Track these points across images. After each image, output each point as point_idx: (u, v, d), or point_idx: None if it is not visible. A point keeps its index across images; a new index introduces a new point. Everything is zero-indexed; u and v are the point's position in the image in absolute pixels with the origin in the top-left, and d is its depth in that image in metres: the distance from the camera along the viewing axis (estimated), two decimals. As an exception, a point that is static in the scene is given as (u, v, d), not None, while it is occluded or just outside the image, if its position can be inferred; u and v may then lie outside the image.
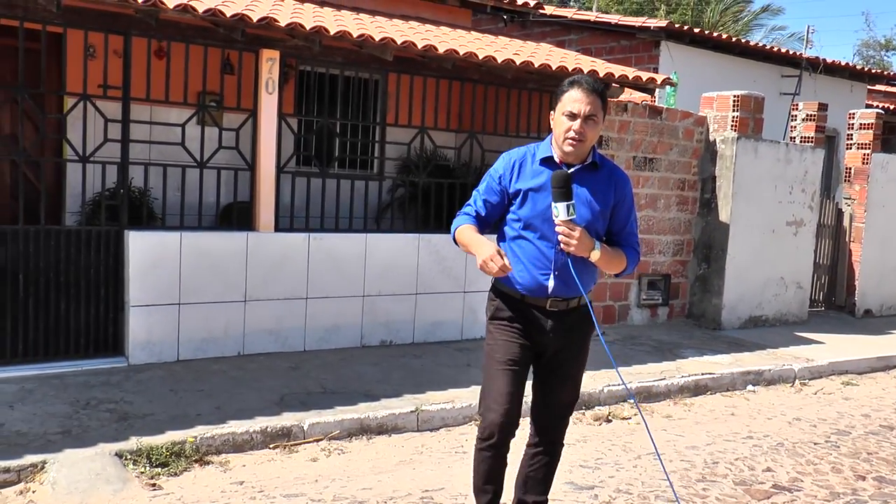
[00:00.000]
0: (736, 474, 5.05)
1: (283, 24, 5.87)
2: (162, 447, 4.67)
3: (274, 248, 6.63)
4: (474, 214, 3.44)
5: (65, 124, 5.89)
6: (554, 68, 7.48)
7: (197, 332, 6.32)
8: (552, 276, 3.31)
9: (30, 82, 5.85)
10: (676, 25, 12.43)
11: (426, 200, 7.78)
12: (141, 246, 6.08)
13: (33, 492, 4.28)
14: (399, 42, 6.43)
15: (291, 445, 5.10)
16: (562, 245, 3.21)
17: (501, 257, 3.13)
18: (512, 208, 3.39)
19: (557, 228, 3.20)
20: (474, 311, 7.77)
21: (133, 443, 4.68)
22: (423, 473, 4.80)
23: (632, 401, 6.43)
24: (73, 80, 6.21)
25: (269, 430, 5.09)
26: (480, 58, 6.93)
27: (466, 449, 5.26)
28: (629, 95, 10.12)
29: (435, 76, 7.35)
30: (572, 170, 3.30)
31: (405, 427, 5.56)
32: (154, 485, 4.41)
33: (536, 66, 7.35)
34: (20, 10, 5.57)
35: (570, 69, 7.62)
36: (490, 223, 3.47)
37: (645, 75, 8.38)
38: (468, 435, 5.56)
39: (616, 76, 8.02)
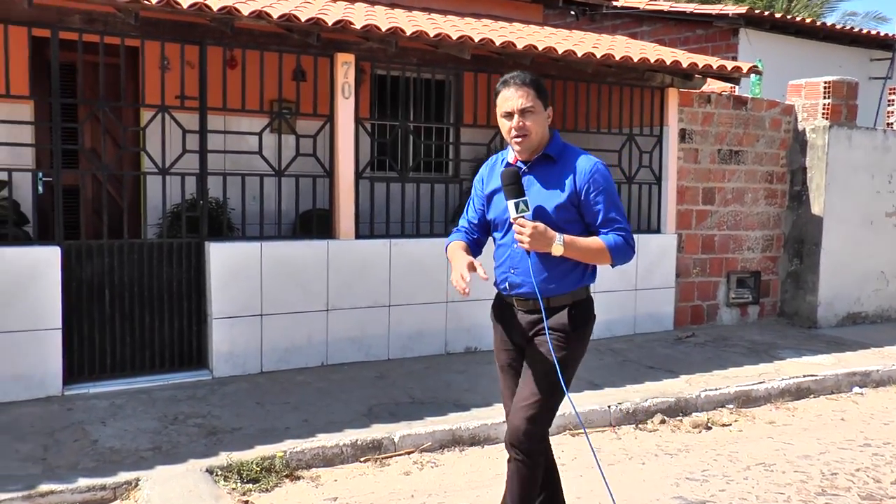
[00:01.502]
0: (860, 487, 4.70)
1: (358, 26, 5.74)
2: (252, 462, 4.56)
3: (355, 256, 6.51)
4: (466, 227, 3.47)
5: (144, 137, 5.86)
6: (635, 60, 7.20)
7: (280, 343, 6.24)
8: (508, 273, 3.30)
9: (109, 96, 5.85)
10: (756, 12, 11.95)
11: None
12: (221, 257, 6.02)
13: (128, 509, 4.22)
14: (476, 40, 6.24)
15: (383, 458, 4.94)
16: (518, 243, 3.14)
17: (472, 269, 3.11)
18: (487, 213, 3.42)
19: (513, 228, 3.14)
20: (559, 314, 7.53)
21: (223, 458, 4.59)
22: (521, 487, 4.59)
23: (730, 407, 6.12)
24: (149, 93, 6.19)
25: (359, 443, 4.95)
26: (559, 53, 6.70)
27: (563, 461, 5.03)
28: (709, 86, 9.75)
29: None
30: (527, 165, 3.26)
31: (498, 438, 5.34)
32: (246, 502, 4.30)
33: (617, 58, 7.09)
34: (100, 24, 5.55)
35: (651, 61, 7.33)
36: (483, 229, 3.47)
37: (730, 64, 8.03)
38: (564, 446, 5.33)
39: (699, 66, 7.69)
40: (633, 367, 6.93)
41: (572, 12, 10.41)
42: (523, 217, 3.11)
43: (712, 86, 9.67)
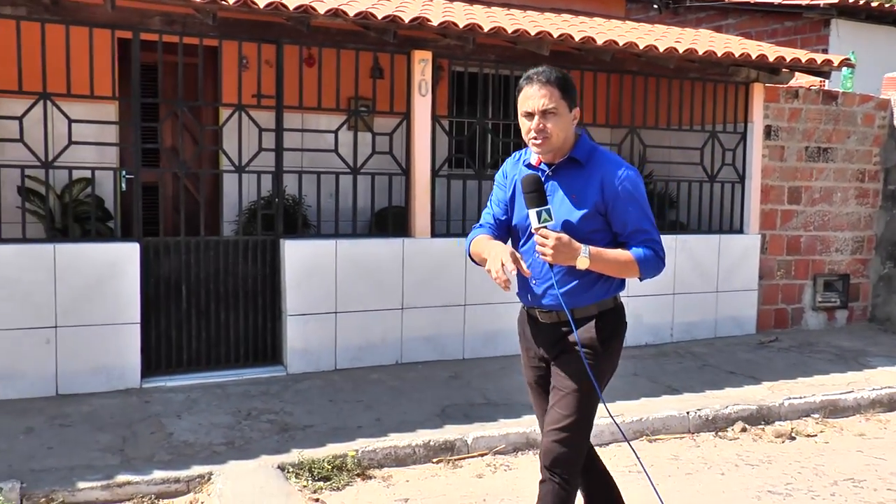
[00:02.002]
0: (964, 508, 4.43)
1: (435, 23, 5.69)
2: (323, 461, 4.56)
3: (430, 254, 6.47)
4: (490, 223, 3.18)
5: (221, 135, 5.92)
6: (719, 55, 6.96)
7: (354, 341, 6.24)
8: (531, 285, 3.06)
9: (188, 96, 5.94)
10: (850, 1, 11.42)
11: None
12: (297, 254, 6.06)
13: (202, 503, 4.25)
14: (556, 35, 6.12)
15: (455, 460, 4.88)
16: (540, 255, 2.89)
17: (518, 261, 2.85)
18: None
19: (534, 238, 2.89)
20: (638, 316, 7.34)
21: (295, 455, 4.60)
22: (596, 494, 4.47)
23: (815, 417, 5.86)
24: (227, 92, 6.25)
25: (431, 443, 4.90)
26: (641, 48, 6.52)
27: (640, 469, 4.88)
28: (797, 81, 9.38)
29: (592, 69, 6.99)
30: (551, 169, 3.00)
31: (573, 442, 5.23)
32: (317, 500, 4.30)
33: (700, 53, 6.86)
34: (179, 25, 5.64)
35: (736, 55, 7.08)
36: (504, 230, 3.18)
37: (820, 57, 7.70)
38: (641, 452, 5.16)
39: (787, 60, 7.40)
40: (713, 371, 6.70)
41: (655, 6, 10.18)
42: (545, 227, 2.86)
43: (800, 80, 9.31)
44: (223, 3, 5.13)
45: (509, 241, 3.16)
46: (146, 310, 5.74)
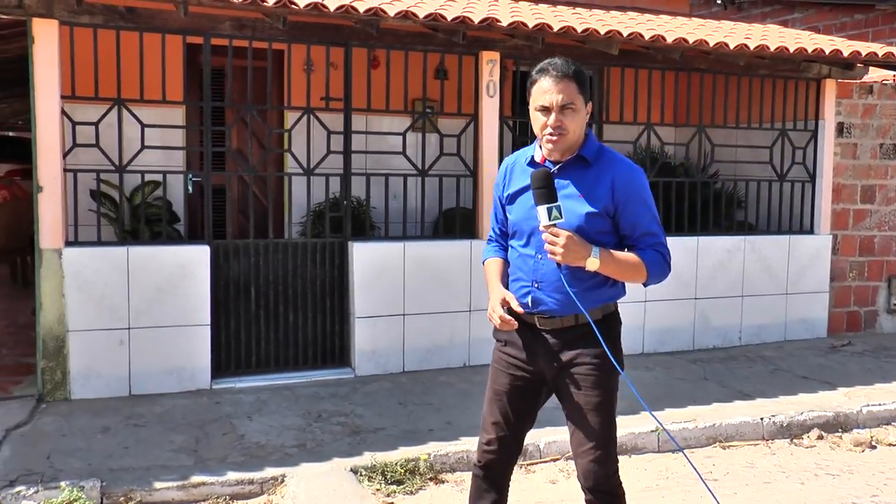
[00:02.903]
0: None
1: (504, 23, 5.64)
2: (396, 464, 4.55)
3: (506, 256, 6.42)
4: (495, 237, 3.14)
5: (290, 138, 5.96)
6: (791, 51, 6.78)
7: (422, 343, 6.23)
8: (531, 289, 2.90)
9: (255, 99, 5.98)
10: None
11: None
12: (364, 256, 6.07)
13: (275, 505, 4.28)
14: (625, 34, 6.02)
15: (527, 465, 4.83)
16: (548, 254, 2.77)
17: (508, 303, 2.84)
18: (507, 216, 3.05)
19: (542, 236, 2.76)
20: (706, 318, 7.22)
21: (367, 458, 4.60)
22: (672, 503, 4.38)
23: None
24: (294, 95, 6.27)
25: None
26: (711, 45, 6.38)
27: (716, 476, 4.79)
28: (870, 76, 9.11)
29: (660, 68, 6.87)
30: (557, 167, 2.86)
31: (645, 447, 5.14)
32: (391, 503, 4.29)
33: (772, 49, 6.69)
34: (249, 30, 5.68)
35: (809, 51, 6.89)
36: None
37: (896, 51, 7.45)
38: (714, 459, 5.07)
39: (863, 54, 7.17)
40: (785, 376, 6.53)
41: (718, 1, 9.97)
42: (556, 225, 2.73)
43: (873, 74, 9.04)
44: (294, 6, 5.15)
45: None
46: (216, 311, 5.81)
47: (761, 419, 5.45)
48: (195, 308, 5.68)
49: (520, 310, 2.85)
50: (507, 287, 3.01)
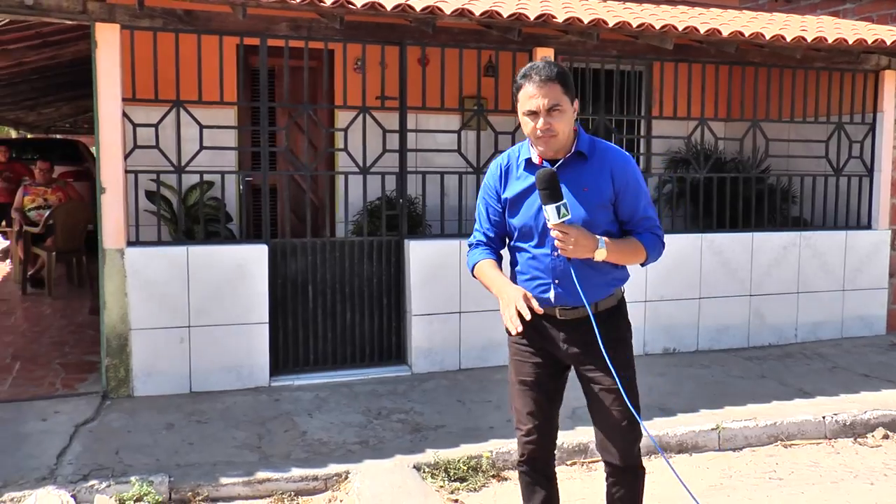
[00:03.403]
0: None
1: (560, 20, 5.61)
2: (459, 461, 4.56)
3: (553, 253, 6.40)
4: (486, 240, 3.17)
5: (345, 137, 5.99)
6: (850, 42, 6.66)
7: (478, 340, 6.23)
8: (552, 285, 3.01)
9: (301, 98, 6.03)
10: None
11: (697, 197, 7.21)
12: (420, 254, 6.09)
13: (340, 501, 4.32)
14: (680, 28, 5.96)
15: (589, 463, 4.82)
16: (560, 251, 2.88)
17: (530, 301, 2.85)
18: (508, 219, 3.10)
19: (552, 233, 2.86)
20: (761, 315, 7.13)
21: (430, 455, 4.62)
22: (739, 502, 4.34)
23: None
24: (344, 93, 6.31)
25: (565, 445, 4.83)
26: (767, 38, 6.29)
27: (781, 475, 4.73)
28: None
29: (713, 62, 6.80)
30: (556, 165, 2.94)
31: (706, 446, 5.10)
32: (456, 500, 4.30)
33: (830, 41, 6.57)
34: (304, 30, 5.72)
35: (868, 42, 6.77)
36: (504, 239, 3.19)
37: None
38: (777, 458, 5.01)
39: (925, 46, 7.02)
40: (845, 374, 6.43)
41: (767, -6, 9.80)
42: (565, 222, 2.82)
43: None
44: (351, 6, 5.18)
45: (505, 261, 3.17)
46: (273, 310, 5.86)
47: (823, 418, 5.37)
48: (253, 306, 5.75)
49: (540, 309, 2.90)
50: (519, 285, 3.07)
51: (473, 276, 3.21)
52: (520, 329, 2.82)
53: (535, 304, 2.87)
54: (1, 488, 4.18)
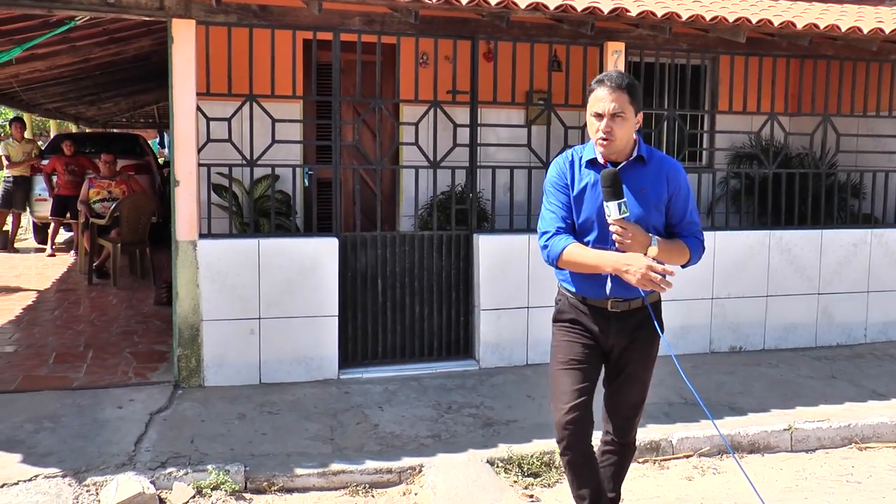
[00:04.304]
0: None
1: (633, 13, 5.56)
2: (532, 456, 4.56)
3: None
4: (564, 227, 3.28)
5: (416, 131, 6.00)
6: (929, 34, 6.48)
7: (546, 336, 6.07)
8: (608, 278, 3.24)
9: (366, 93, 6.04)
10: None
11: (761, 192, 7.09)
12: (489, 249, 6.08)
13: (415, 494, 4.33)
14: (754, 21, 5.86)
15: (661, 461, 4.78)
16: (617, 244, 3.11)
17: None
18: None
19: (611, 228, 3.11)
20: (829, 314, 6.99)
21: (503, 450, 4.62)
22: (819, 505, 4.28)
23: None
24: (406, 88, 6.31)
25: (637, 443, 4.79)
26: (843, 30, 6.15)
27: (858, 478, 4.64)
28: None
29: (784, 55, 6.67)
30: (619, 167, 3.19)
31: (778, 446, 5.02)
32: (531, 496, 4.30)
33: (909, 33, 6.40)
34: (378, 24, 5.74)
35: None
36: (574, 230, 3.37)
37: None
38: (853, 460, 4.92)
39: None
40: (920, 376, 6.29)
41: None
42: (625, 219, 3.08)
43: None
44: (426, 1, 5.17)
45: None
46: (342, 303, 5.90)
47: (901, 420, 5.26)
48: (323, 299, 5.79)
49: (672, 272, 3.08)
50: (573, 280, 3.34)
51: (558, 263, 3.27)
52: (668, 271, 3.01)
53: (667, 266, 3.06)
54: (84, 472, 4.28)
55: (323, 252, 5.78)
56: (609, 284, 3.25)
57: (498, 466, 4.51)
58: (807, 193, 7.01)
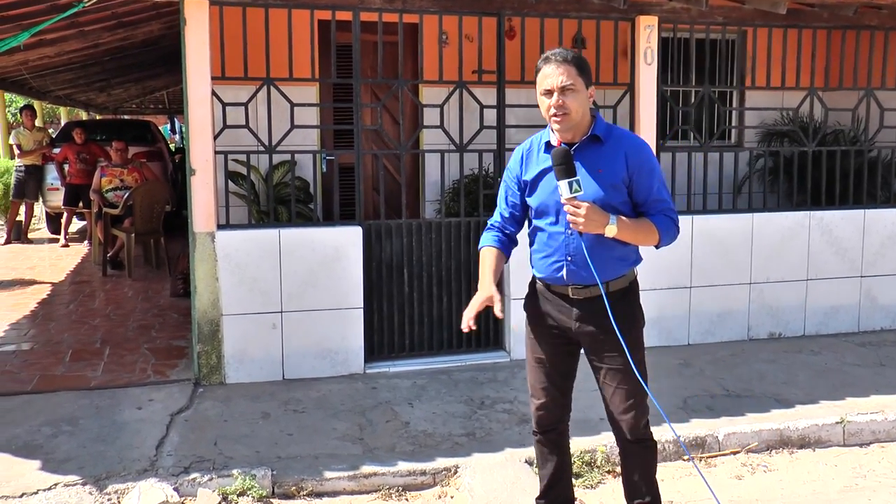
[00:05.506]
0: None
1: (669, -16, 5.28)
2: (573, 456, 4.30)
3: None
4: (500, 222, 3.38)
5: (441, 113, 5.73)
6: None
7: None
8: (565, 262, 3.17)
9: (386, 74, 5.79)
10: None
11: (793, 172, 6.77)
12: (519, 235, 5.80)
13: (451, 497, 4.13)
14: (796, -10, 5.57)
15: (707, 458, 4.55)
16: (571, 224, 3.04)
17: (492, 302, 3.14)
18: (527, 200, 3.29)
19: (565, 208, 3.03)
20: (873, 298, 6.71)
21: (541, 450, 4.38)
22: (884, 506, 4.03)
23: None
24: (429, 68, 6.04)
25: (681, 439, 4.57)
26: (890, -1, 5.85)
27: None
28: None
29: (825, 27, 6.36)
30: (574, 147, 3.12)
31: (829, 441, 4.77)
32: (574, 499, 4.06)
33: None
34: (399, 2, 5.47)
35: None
36: (520, 221, 3.40)
37: None
38: (900, 457, 4.66)
39: None
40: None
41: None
42: (577, 197, 2.99)
43: None
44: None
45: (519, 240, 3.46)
46: (367, 294, 5.67)
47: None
48: (348, 291, 5.56)
49: (500, 315, 3.14)
50: (535, 265, 3.33)
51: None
52: (471, 326, 3.16)
53: (497, 308, 3.11)
54: (105, 479, 4.09)
55: (346, 241, 5.54)
56: (564, 270, 3.18)
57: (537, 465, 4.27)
58: (846, 172, 6.72)
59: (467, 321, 3.17)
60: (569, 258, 3.16)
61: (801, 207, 6.62)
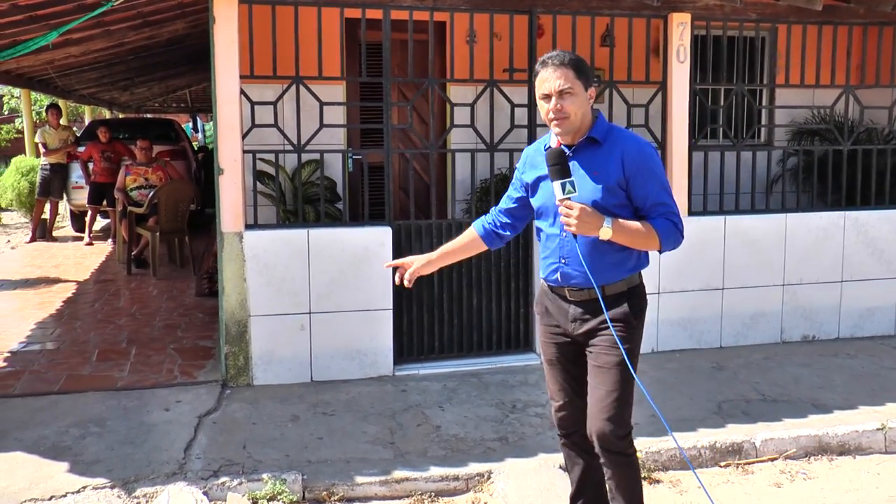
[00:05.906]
0: None
1: (705, -21, 5.17)
2: (606, 461, 4.24)
3: (687, 234, 5.91)
4: (494, 213, 3.44)
5: (472, 112, 5.66)
6: None
7: (609, 327, 5.87)
8: (560, 264, 3.15)
9: (415, 72, 5.72)
10: None
11: (837, 172, 6.64)
12: (549, 237, 5.75)
13: (484, 503, 4.05)
14: (835, -14, 5.45)
15: (744, 464, 4.45)
16: (564, 226, 3.00)
17: (403, 269, 3.41)
18: (531, 201, 3.28)
19: (559, 209, 2.99)
20: (910, 296, 6.58)
21: (586, 456, 4.31)
22: (933, 515, 3.92)
23: None
24: (460, 67, 5.96)
25: (717, 445, 4.48)
26: (931, -6, 5.71)
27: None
28: None
29: (861, 23, 6.24)
30: (571, 149, 3.08)
31: (870, 448, 4.66)
32: (611, 507, 3.98)
33: None
34: (430, 0, 5.40)
35: None
36: (516, 218, 3.40)
37: None
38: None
39: None
40: None
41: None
42: (570, 199, 2.95)
43: None
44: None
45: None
46: (397, 295, 5.60)
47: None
48: (377, 292, 5.50)
49: (409, 285, 3.35)
50: (540, 265, 3.29)
51: None
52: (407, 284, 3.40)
53: (406, 276, 3.37)
54: (133, 483, 4.05)
55: (376, 242, 5.49)
56: (559, 272, 3.16)
57: (572, 473, 4.20)
58: (881, 170, 6.58)
59: (399, 275, 3.38)
60: (563, 260, 3.13)
61: (836, 207, 6.50)
